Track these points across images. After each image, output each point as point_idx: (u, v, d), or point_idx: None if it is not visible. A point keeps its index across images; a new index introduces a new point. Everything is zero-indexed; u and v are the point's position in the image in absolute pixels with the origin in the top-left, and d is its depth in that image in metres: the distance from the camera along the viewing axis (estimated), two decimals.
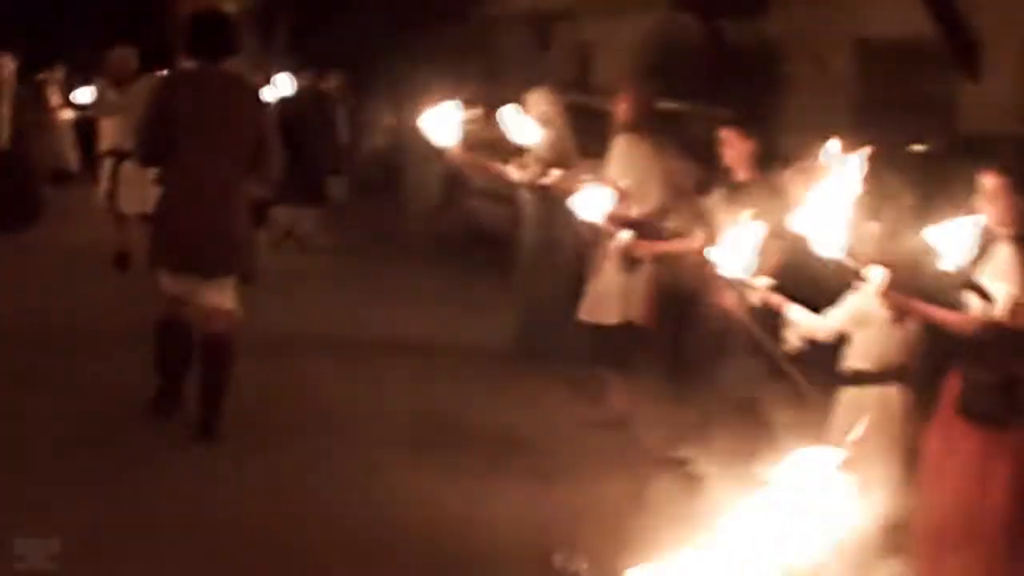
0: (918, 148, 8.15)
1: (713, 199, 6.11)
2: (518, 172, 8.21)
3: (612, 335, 7.08)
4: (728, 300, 5.21)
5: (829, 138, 4.18)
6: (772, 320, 4.98)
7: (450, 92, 10.38)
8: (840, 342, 4.92)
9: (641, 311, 7.08)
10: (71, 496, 5.35)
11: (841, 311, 4.89)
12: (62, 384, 6.98)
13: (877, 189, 4.40)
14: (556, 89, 8.61)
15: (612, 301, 7.12)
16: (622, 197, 6.62)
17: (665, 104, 9.12)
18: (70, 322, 8.42)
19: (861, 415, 4.76)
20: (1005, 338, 4.32)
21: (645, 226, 6.76)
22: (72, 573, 4.59)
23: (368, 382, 7.60)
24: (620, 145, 7.26)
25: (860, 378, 4.84)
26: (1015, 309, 4.27)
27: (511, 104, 8.16)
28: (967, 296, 4.35)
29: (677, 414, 6.21)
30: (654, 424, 6.23)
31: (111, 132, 9.87)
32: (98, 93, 10.57)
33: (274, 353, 7.86)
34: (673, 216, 7.11)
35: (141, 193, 8.28)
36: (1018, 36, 10.10)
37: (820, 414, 4.91)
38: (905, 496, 4.69)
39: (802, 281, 4.92)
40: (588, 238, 7.40)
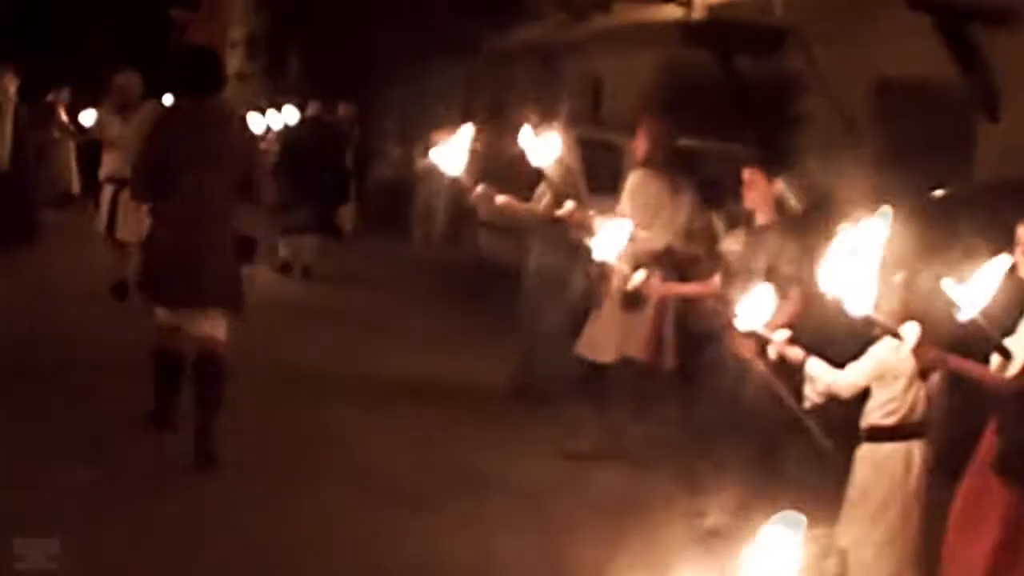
0: (939, 193, 7.90)
1: (732, 241, 5.85)
2: (527, 205, 8.03)
3: (607, 373, 6.99)
4: (745, 348, 4.95)
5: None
6: (791, 371, 4.72)
7: (459, 123, 10.24)
8: (861, 395, 4.67)
9: (641, 350, 6.94)
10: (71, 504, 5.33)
11: (864, 366, 4.64)
12: (57, 399, 6.94)
13: (900, 240, 4.18)
14: (566, 123, 8.43)
15: (610, 339, 7.03)
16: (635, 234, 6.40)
17: (678, 141, 8.97)
18: (62, 346, 8.26)
19: (881, 472, 4.57)
20: None
21: (659, 265, 6.53)
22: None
23: (368, 424, 7.35)
24: (633, 180, 7.11)
25: (882, 434, 4.60)
26: None
27: (525, 129, 7.98)
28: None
29: (692, 463, 5.96)
30: (667, 473, 5.98)
31: (112, 159, 9.69)
32: (101, 118, 10.42)
33: (270, 391, 7.69)
34: (686, 256, 6.95)
35: (140, 221, 8.09)
36: None
37: (839, 470, 4.67)
38: (924, 552, 4.49)
39: (823, 330, 4.68)
40: (595, 274, 7.22)
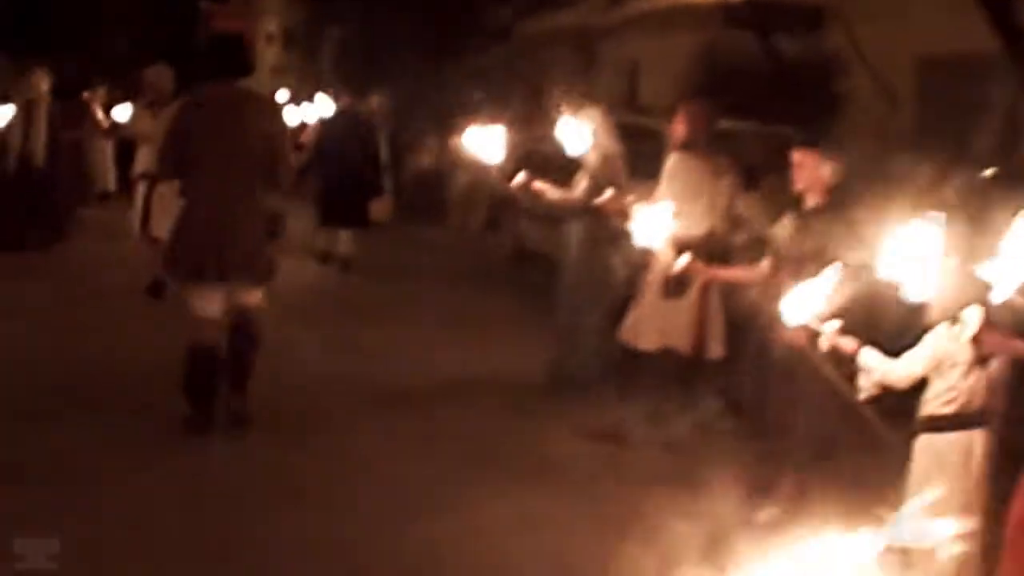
0: (989, 173, 7.71)
1: (782, 226, 5.68)
2: (566, 192, 7.91)
3: (648, 362, 6.90)
4: (796, 336, 4.78)
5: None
6: (844, 360, 4.55)
7: (495, 111, 10.13)
8: (919, 384, 4.51)
9: (684, 340, 6.84)
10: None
11: (920, 354, 4.47)
12: (90, 400, 6.96)
13: (956, 222, 4.02)
14: (604, 108, 8.29)
15: (652, 328, 6.95)
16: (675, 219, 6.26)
17: (719, 123, 8.82)
18: (97, 344, 8.30)
19: (942, 463, 4.41)
20: None
21: (702, 250, 6.37)
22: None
23: (401, 417, 7.26)
24: (672, 164, 6.99)
25: (940, 424, 4.43)
26: None
27: (562, 118, 7.87)
28: None
29: (742, 454, 5.80)
30: (717, 465, 5.82)
31: (145, 155, 9.60)
32: (133, 113, 10.37)
33: (304, 384, 7.69)
34: (729, 240, 6.81)
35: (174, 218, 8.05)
36: None
37: (898, 460, 4.51)
38: (987, 551, 4.32)
39: (876, 317, 4.53)
40: (638, 261, 7.09)
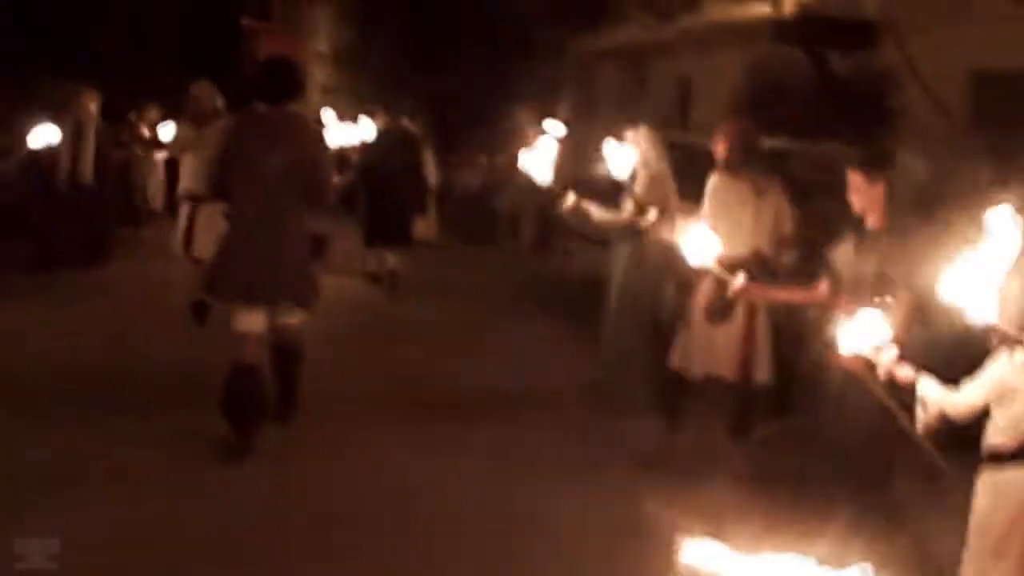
0: None
1: (841, 247, 5.51)
2: (614, 213, 7.81)
3: (697, 388, 6.85)
4: (851, 363, 4.62)
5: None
6: (901, 388, 4.38)
7: (545, 129, 10.04)
8: (982, 415, 4.32)
9: (730, 367, 6.73)
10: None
11: (981, 384, 4.27)
12: (129, 420, 7.03)
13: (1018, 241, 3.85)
14: (654, 126, 8.18)
15: (697, 355, 6.85)
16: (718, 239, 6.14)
17: (767, 141, 8.68)
18: (137, 365, 8.37)
19: (1004, 499, 4.22)
20: None
21: (748, 271, 6.23)
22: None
23: (448, 439, 7.17)
24: (712, 185, 6.90)
25: (1003, 458, 4.24)
26: None
27: (609, 140, 7.79)
28: None
29: (794, 484, 5.64)
30: (767, 495, 5.66)
31: (188, 175, 9.57)
32: (177, 131, 10.36)
33: (349, 405, 7.67)
34: (776, 261, 6.68)
35: (216, 238, 8.00)
36: None
37: (959, 495, 4.33)
38: None
39: (937, 345, 4.36)
40: (686, 283, 6.98)
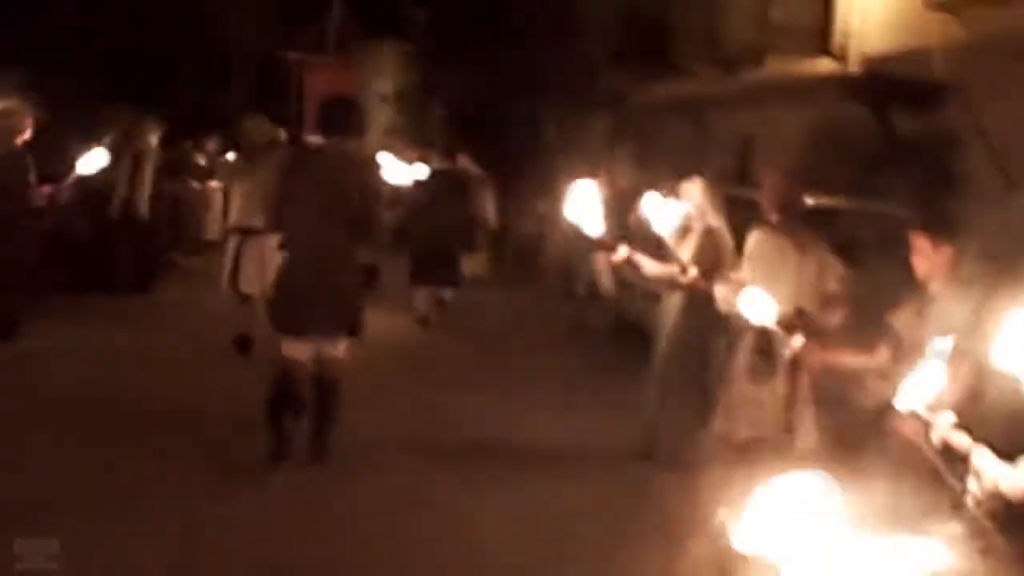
0: None
1: (903, 313, 5.33)
2: (666, 266, 7.66)
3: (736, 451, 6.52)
4: (908, 430, 4.44)
5: None
6: (957, 458, 4.20)
7: (602, 179, 9.94)
8: None
9: (773, 429, 6.47)
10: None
11: None
12: (167, 448, 7.20)
13: None
14: (712, 179, 8.05)
15: (741, 415, 6.60)
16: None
17: (822, 199, 8.58)
18: (179, 397, 8.44)
19: None
20: None
21: (791, 330, 6.06)
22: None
23: (481, 494, 6.90)
24: (751, 240, 6.76)
25: None
26: None
27: (657, 192, 7.65)
28: None
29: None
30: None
31: (237, 208, 9.49)
32: (226, 163, 10.37)
33: (383, 452, 7.57)
34: (821, 320, 6.43)
35: (263, 273, 7.95)
36: None
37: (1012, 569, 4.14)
38: None
39: (992, 412, 4.19)
40: (729, 343, 6.81)
